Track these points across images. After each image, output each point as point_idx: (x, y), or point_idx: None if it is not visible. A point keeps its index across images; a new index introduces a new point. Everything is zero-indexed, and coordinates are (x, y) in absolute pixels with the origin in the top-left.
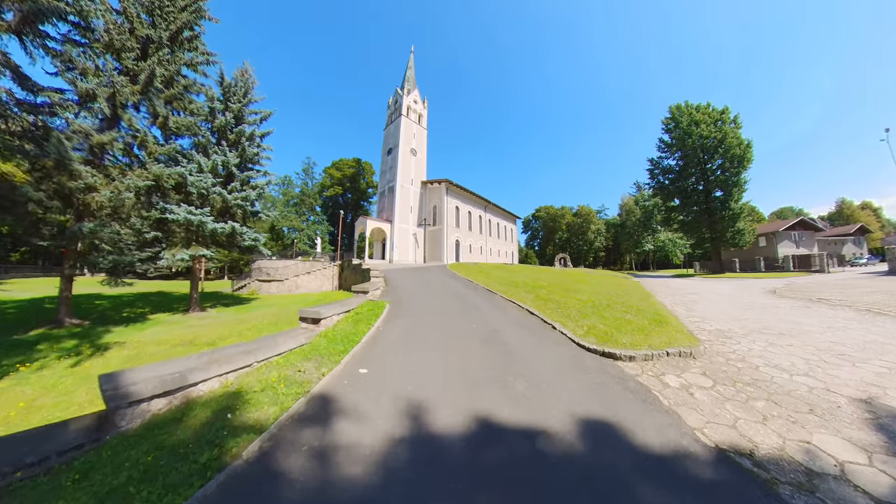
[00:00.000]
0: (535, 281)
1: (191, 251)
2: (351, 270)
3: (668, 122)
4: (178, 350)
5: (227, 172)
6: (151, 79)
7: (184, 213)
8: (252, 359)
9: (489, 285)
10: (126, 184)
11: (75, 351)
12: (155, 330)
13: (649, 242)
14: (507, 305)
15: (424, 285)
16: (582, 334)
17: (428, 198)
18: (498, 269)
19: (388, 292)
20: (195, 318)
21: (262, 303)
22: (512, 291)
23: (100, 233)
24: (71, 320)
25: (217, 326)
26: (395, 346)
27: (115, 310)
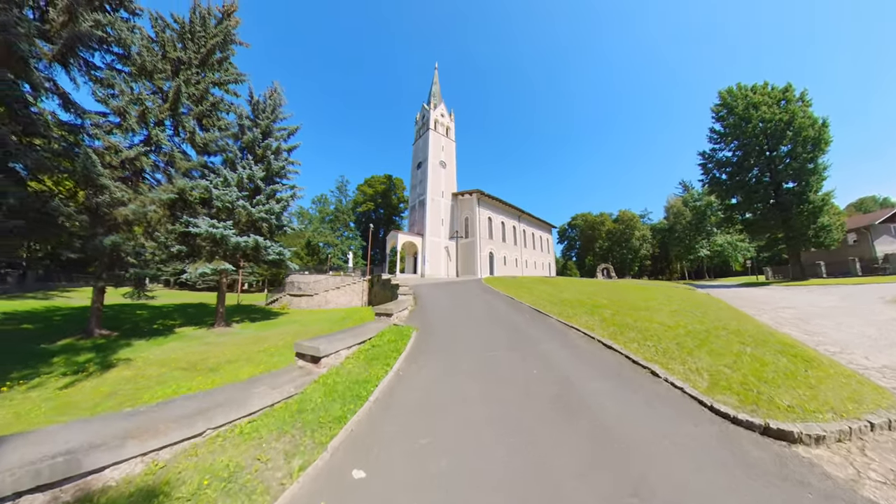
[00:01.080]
0: (590, 297)
1: (212, 265)
2: (380, 286)
3: (718, 110)
4: (176, 374)
5: (254, 186)
6: (178, 97)
7: (206, 226)
8: (205, 424)
9: (536, 304)
10: (150, 197)
11: (81, 367)
12: (171, 346)
13: (704, 247)
14: (570, 334)
15: (459, 304)
16: (706, 388)
17: (459, 210)
18: (539, 284)
19: (416, 314)
20: (215, 335)
21: (289, 318)
22: (568, 312)
23: (122, 246)
24: (100, 331)
25: (232, 345)
26: (416, 412)
27: (148, 321)
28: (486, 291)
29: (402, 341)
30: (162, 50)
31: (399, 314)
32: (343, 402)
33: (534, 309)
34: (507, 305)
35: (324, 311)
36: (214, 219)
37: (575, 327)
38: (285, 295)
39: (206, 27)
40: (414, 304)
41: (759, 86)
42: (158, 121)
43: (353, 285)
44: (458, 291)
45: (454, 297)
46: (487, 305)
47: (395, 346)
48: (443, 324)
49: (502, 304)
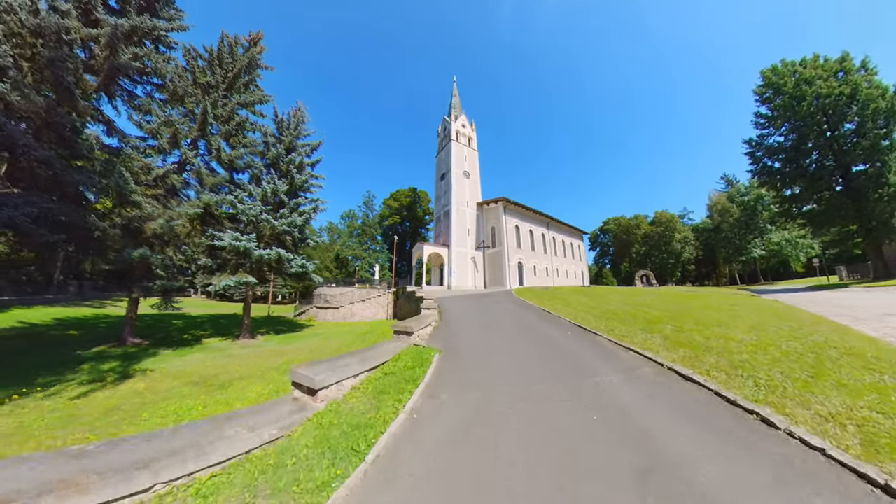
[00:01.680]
0: (638, 308)
1: (236, 278)
2: (405, 298)
3: (762, 91)
4: (184, 390)
5: (279, 200)
6: (206, 118)
7: (229, 239)
8: (152, 478)
9: (578, 318)
10: (178, 212)
11: (101, 377)
12: (193, 357)
13: (757, 247)
14: (627, 358)
15: (489, 320)
16: (860, 451)
17: (485, 219)
18: (576, 294)
19: (440, 332)
20: (238, 347)
21: (312, 331)
22: (618, 329)
23: (151, 258)
24: (132, 339)
25: (251, 359)
26: (428, 490)
27: (181, 331)
28: (517, 304)
29: (420, 368)
30: (192, 76)
31: (420, 332)
32: (333, 457)
33: (576, 325)
34: (544, 321)
35: (348, 325)
36: (240, 233)
37: (633, 349)
38: (312, 307)
39: (234, 55)
40: (438, 320)
41: (809, 59)
42: (189, 141)
43: (379, 298)
44: (487, 304)
45: (483, 310)
46: (521, 321)
47: (412, 374)
48: (470, 345)
49: (538, 319)
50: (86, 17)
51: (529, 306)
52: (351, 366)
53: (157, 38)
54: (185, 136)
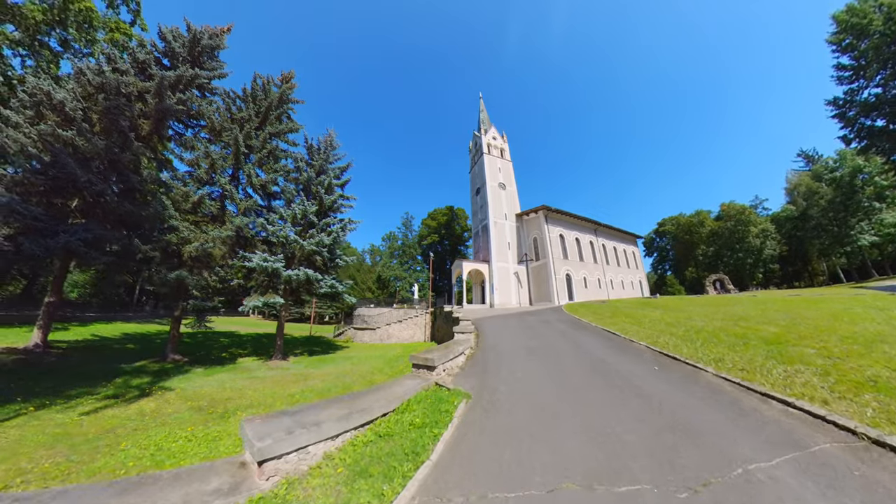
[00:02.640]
0: (741, 324)
1: (265, 298)
2: (443, 319)
3: (839, 39)
4: (184, 416)
5: (309, 221)
6: (238, 148)
7: (259, 260)
8: None
9: (660, 342)
10: (211, 235)
11: (123, 392)
12: (217, 378)
13: (865, 232)
14: (778, 418)
15: (538, 347)
16: None
17: (526, 231)
18: (643, 308)
19: (474, 364)
20: (267, 368)
21: (345, 354)
22: (730, 358)
23: (186, 279)
24: (173, 356)
25: (271, 383)
26: None
27: (223, 349)
28: (570, 323)
29: (433, 429)
30: (229, 114)
31: (448, 365)
32: None
33: (660, 353)
34: (612, 347)
35: (382, 347)
36: (272, 254)
37: (775, 396)
38: (350, 328)
39: (267, 92)
40: (475, 346)
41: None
42: (230, 171)
43: (416, 318)
44: (534, 325)
45: (529, 333)
46: (580, 348)
47: (418, 439)
48: (513, 388)
49: (603, 345)
50: (142, 73)
51: (587, 326)
52: (325, 424)
53: (200, 85)
54: (222, 167)
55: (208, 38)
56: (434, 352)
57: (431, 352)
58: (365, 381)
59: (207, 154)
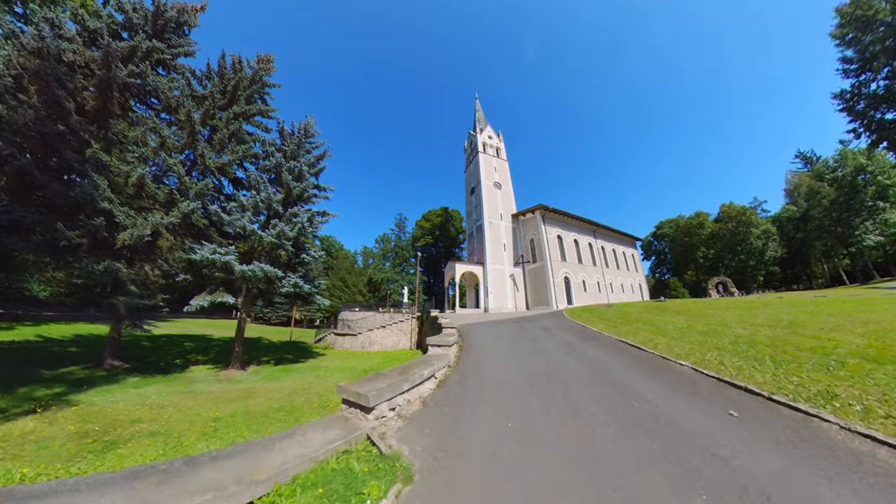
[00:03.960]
0: (807, 335)
1: (211, 297)
2: (430, 324)
3: (843, 33)
4: (56, 444)
5: (273, 211)
6: (193, 126)
7: (206, 252)
8: None
9: (713, 364)
10: (151, 221)
11: (16, 406)
12: (143, 391)
13: (870, 233)
14: None
15: (538, 368)
16: None
17: (522, 232)
18: (656, 313)
19: (442, 402)
20: (214, 380)
21: (317, 363)
22: (871, 400)
23: (119, 272)
24: (112, 361)
25: (209, 400)
26: None
27: (181, 355)
28: (577, 333)
29: None
30: (189, 89)
31: (399, 402)
32: None
33: (724, 381)
34: (646, 372)
35: (361, 355)
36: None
37: None
38: (330, 333)
39: (237, 70)
40: (454, 365)
41: None
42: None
43: (401, 324)
44: (533, 335)
45: (527, 348)
46: (600, 374)
47: None
48: (498, 458)
49: (631, 369)
50: (93, 43)
51: (598, 336)
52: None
53: (162, 61)
54: (174, 146)
55: (175, 12)
56: (381, 378)
57: (379, 378)
58: (319, 401)
59: (156, 130)
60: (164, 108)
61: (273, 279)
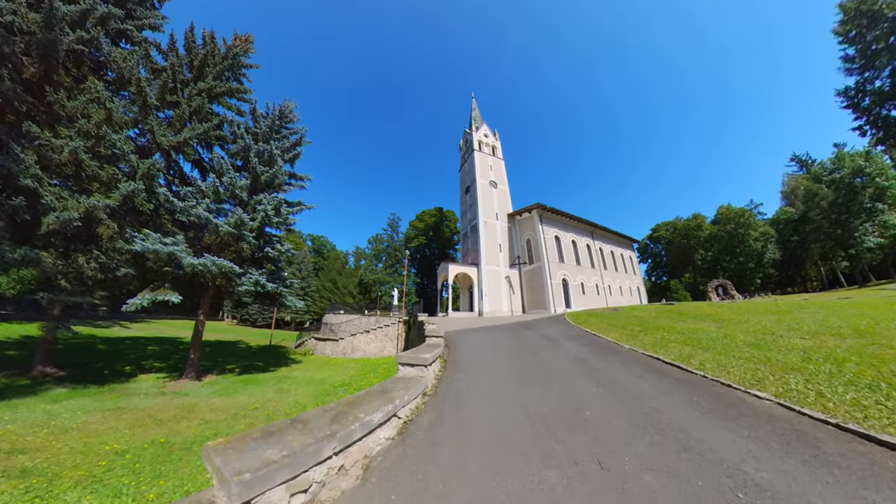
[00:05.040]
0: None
1: (151, 295)
2: (417, 329)
3: (847, 30)
4: None
5: (238, 198)
6: (146, 100)
7: (149, 243)
8: None
9: (826, 400)
10: (85, 203)
11: None
12: (61, 406)
13: (870, 234)
14: None
15: (549, 401)
16: None
17: (519, 232)
18: (678, 319)
19: (399, 467)
20: (156, 393)
21: (287, 373)
22: None
23: (43, 263)
24: (43, 368)
25: (132, 423)
26: None
27: (134, 361)
28: (588, 344)
29: None
30: (148, 61)
31: (318, 476)
32: None
33: (837, 428)
34: (713, 414)
35: (341, 363)
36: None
37: None
38: (311, 338)
39: (206, 43)
40: (431, 394)
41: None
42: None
43: (387, 328)
44: (535, 346)
45: (529, 367)
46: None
47: None
48: None
49: (686, 406)
50: (39, 5)
51: (618, 350)
52: None
53: (123, 32)
54: (123, 120)
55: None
56: (289, 434)
57: (285, 434)
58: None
59: (100, 101)
60: (119, 82)
61: (230, 275)
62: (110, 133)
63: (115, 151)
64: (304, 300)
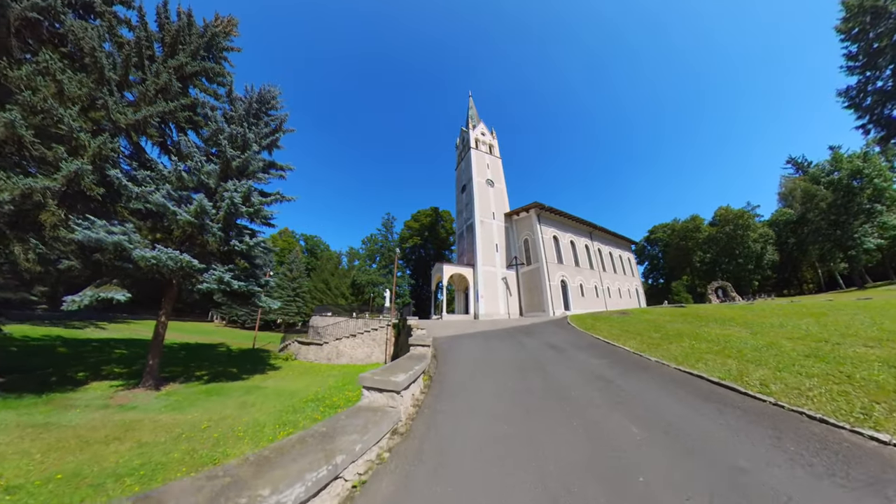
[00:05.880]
0: None
1: (92, 293)
2: (406, 333)
3: (849, 27)
4: None
5: (205, 186)
6: (103, 74)
7: (93, 231)
8: None
9: None
10: (21, 185)
11: None
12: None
13: (870, 236)
14: None
15: (587, 489)
16: None
17: (516, 231)
18: (702, 324)
19: None
20: (98, 406)
21: (259, 381)
22: None
23: None
24: None
25: (45, 449)
26: None
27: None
28: (604, 356)
29: None
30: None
31: None
32: None
33: None
34: (803, 461)
35: (323, 370)
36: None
37: None
38: (294, 341)
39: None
40: (410, 419)
41: None
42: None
43: (375, 332)
44: (540, 358)
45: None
46: (712, 473)
47: None
48: None
49: (758, 454)
50: None
51: (641, 363)
52: None
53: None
54: (76, 95)
55: None
56: None
57: None
58: (206, 454)
59: (49, 72)
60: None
61: (189, 270)
62: (57, 107)
63: (63, 128)
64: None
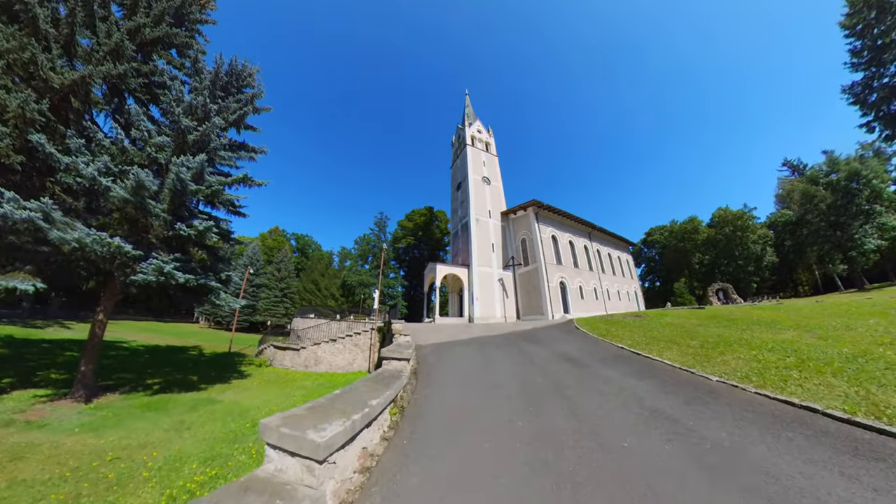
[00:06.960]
0: None
1: (4, 280)
2: (389, 339)
3: (853, 22)
4: None
5: (156, 161)
6: (37, 27)
7: (3, 206)
8: None
9: None
10: None
11: None
12: None
13: (870, 237)
14: None
15: None
16: None
17: (513, 231)
18: (732, 327)
19: None
20: (6, 421)
21: (216, 394)
22: None
23: None
24: None
25: None
26: None
27: (25, 372)
28: (644, 376)
29: None
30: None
31: None
32: None
33: None
34: None
35: (297, 379)
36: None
37: None
38: (270, 345)
39: None
40: (364, 486)
41: None
42: None
43: (358, 336)
44: (555, 376)
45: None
46: None
47: None
48: None
49: None
50: None
51: (708, 387)
52: None
53: None
54: (7, 50)
55: None
56: None
57: None
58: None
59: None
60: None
61: (126, 259)
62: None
63: None
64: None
